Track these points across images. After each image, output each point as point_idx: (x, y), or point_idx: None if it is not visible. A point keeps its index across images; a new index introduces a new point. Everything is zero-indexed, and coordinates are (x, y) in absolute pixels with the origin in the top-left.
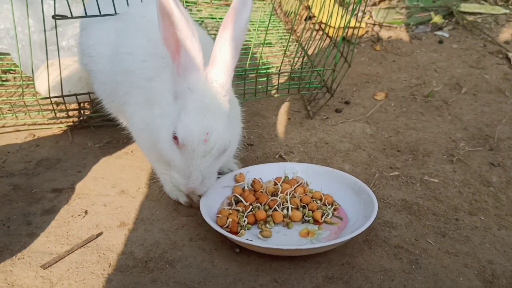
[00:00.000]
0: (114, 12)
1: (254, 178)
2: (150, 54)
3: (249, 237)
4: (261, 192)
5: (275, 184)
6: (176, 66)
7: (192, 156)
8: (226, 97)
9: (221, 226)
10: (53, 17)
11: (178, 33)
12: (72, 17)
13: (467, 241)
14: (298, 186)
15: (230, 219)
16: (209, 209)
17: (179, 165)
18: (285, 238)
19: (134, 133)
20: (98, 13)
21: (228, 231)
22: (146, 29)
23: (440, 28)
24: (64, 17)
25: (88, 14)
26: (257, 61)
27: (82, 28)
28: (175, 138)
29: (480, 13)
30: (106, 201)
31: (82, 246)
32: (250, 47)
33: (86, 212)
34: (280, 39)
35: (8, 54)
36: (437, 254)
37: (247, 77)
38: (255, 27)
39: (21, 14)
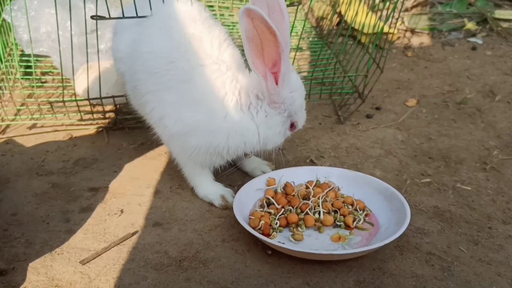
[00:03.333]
0: (150, 13)
1: (286, 182)
2: (175, 56)
3: (281, 240)
4: (293, 195)
5: (307, 188)
6: (271, 80)
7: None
8: None
9: (254, 228)
10: (92, 17)
11: (275, 49)
12: (110, 18)
13: (500, 249)
14: (329, 190)
15: (262, 221)
16: (241, 211)
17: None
18: (316, 242)
19: (165, 136)
20: (135, 15)
21: (260, 233)
22: (169, 27)
23: (474, 35)
24: (102, 17)
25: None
26: None
27: (113, 33)
28: (292, 126)
29: None
30: (141, 200)
31: (118, 244)
32: None
33: (122, 211)
34: (312, 44)
35: (48, 56)
36: (470, 262)
37: None
38: None
39: (62, 18)
